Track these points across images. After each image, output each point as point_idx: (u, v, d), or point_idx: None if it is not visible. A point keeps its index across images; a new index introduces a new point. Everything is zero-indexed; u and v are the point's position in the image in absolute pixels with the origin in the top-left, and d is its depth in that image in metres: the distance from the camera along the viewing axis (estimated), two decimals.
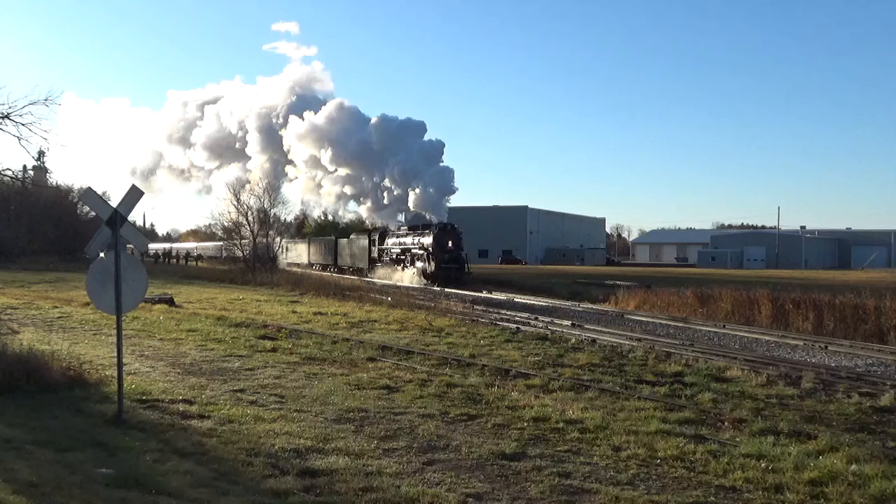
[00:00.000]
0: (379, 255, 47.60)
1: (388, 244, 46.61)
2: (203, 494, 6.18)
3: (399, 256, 44.70)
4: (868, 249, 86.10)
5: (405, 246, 44.00)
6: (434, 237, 40.39)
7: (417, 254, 41.89)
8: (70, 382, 10.26)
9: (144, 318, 18.90)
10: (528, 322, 20.99)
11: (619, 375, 12.53)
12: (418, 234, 42.82)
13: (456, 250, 40.06)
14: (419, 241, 42.10)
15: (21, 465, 6.64)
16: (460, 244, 40.74)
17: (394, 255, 45.50)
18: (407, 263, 43.17)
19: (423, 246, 41.40)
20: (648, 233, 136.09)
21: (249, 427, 8.49)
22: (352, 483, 6.64)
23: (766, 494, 6.64)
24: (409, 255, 43.19)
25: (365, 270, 48.39)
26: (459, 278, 38.51)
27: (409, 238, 43.82)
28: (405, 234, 44.66)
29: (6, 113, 12.33)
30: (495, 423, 9.00)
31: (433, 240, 40.34)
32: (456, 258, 39.80)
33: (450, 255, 39.60)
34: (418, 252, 41.79)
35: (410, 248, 43.14)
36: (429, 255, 40.28)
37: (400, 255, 44.64)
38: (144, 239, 10.72)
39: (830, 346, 17.01)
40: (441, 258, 39.32)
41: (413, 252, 42.59)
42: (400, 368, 12.69)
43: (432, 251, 40.01)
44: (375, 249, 48.07)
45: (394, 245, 45.94)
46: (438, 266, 39.14)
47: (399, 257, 44.66)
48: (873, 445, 8.31)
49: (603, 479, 6.98)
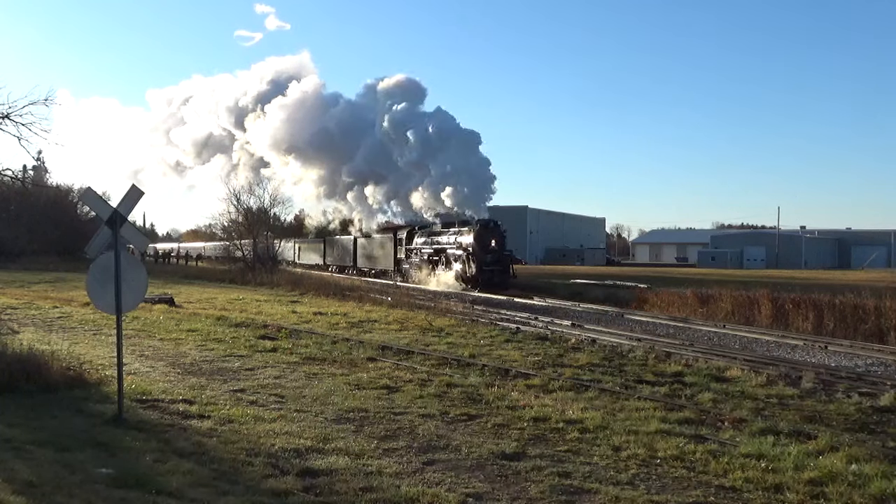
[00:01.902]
0: (407, 255, 43.08)
1: (418, 244, 41.85)
2: (203, 494, 6.19)
3: (431, 257, 39.94)
4: (868, 249, 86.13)
5: (439, 245, 39.16)
6: (475, 236, 35.52)
7: (454, 254, 37.13)
8: (70, 382, 10.26)
9: (144, 318, 18.90)
10: (528, 322, 20.99)
11: (619, 375, 12.53)
12: (455, 232, 38.00)
13: (500, 250, 35.40)
14: (457, 241, 37.24)
15: (21, 465, 6.65)
16: (504, 244, 36.05)
17: (425, 256, 40.78)
18: (442, 265, 38.48)
19: (462, 245, 36.52)
20: (648, 233, 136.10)
21: (249, 427, 8.49)
22: (352, 483, 6.65)
23: (766, 494, 6.64)
24: (443, 256, 38.39)
25: (390, 273, 44.57)
26: (504, 282, 34.34)
27: (444, 237, 38.99)
28: (439, 233, 39.75)
29: (6, 113, 12.32)
30: (495, 423, 9.00)
31: (474, 239, 35.48)
32: (499, 259, 35.21)
33: (493, 255, 35.00)
34: (456, 252, 37.01)
35: (446, 247, 38.30)
36: (468, 256, 35.46)
37: (432, 255, 39.85)
38: (144, 239, 10.73)
39: (830, 346, 17.01)
40: (483, 259, 34.66)
41: (449, 252, 37.74)
42: (400, 368, 12.69)
43: (472, 251, 35.28)
44: (402, 250, 43.51)
45: (425, 245, 41.15)
46: (480, 268, 34.48)
47: (431, 258, 39.92)
48: (873, 445, 8.31)
49: (603, 479, 6.98)
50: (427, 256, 40.57)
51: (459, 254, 36.60)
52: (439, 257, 38.93)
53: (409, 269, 42.39)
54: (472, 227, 36.22)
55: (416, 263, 41.56)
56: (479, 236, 35.42)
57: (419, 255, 41.60)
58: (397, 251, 44.30)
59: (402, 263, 43.51)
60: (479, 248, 35.20)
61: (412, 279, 40.53)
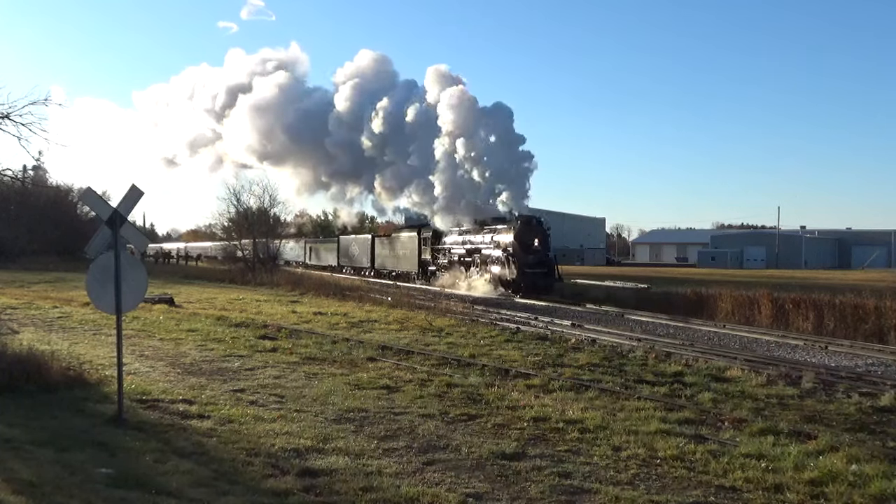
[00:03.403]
0: (433, 256, 39.29)
1: (448, 243, 38.00)
2: (203, 494, 6.19)
3: (463, 258, 36.27)
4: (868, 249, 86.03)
5: (473, 245, 35.50)
6: (516, 234, 32.01)
7: (491, 255, 33.53)
8: (70, 382, 10.26)
9: (144, 318, 18.90)
10: (528, 322, 21.00)
11: (619, 375, 12.53)
12: (491, 229, 34.45)
13: (543, 251, 31.89)
14: (494, 240, 33.69)
15: (21, 465, 6.65)
16: (548, 243, 32.46)
17: (455, 257, 37.01)
18: (475, 267, 34.85)
19: (501, 245, 32.98)
20: (648, 233, 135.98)
21: (249, 427, 8.49)
22: (352, 483, 6.64)
23: (766, 494, 6.64)
24: (478, 258, 34.75)
25: (414, 275, 40.78)
26: (549, 287, 30.91)
27: (478, 236, 35.32)
28: (472, 231, 36.14)
29: (6, 113, 12.34)
30: (495, 423, 9.00)
31: (514, 238, 31.98)
32: (543, 261, 31.68)
33: (536, 256, 31.48)
34: (493, 253, 33.47)
35: (481, 247, 34.72)
36: (508, 258, 31.90)
37: (464, 256, 36.20)
38: (144, 239, 10.72)
39: (830, 346, 17.02)
40: (525, 261, 31.18)
41: (485, 253, 34.16)
42: (400, 368, 12.69)
43: (513, 252, 31.80)
44: (428, 250, 39.65)
45: (455, 244, 37.30)
46: (521, 271, 31.00)
47: (463, 259, 36.25)
48: (873, 445, 8.31)
49: (603, 479, 6.98)
50: (458, 257, 36.87)
51: (497, 254, 33.06)
52: (473, 258, 35.40)
53: (436, 271, 38.88)
54: (512, 224, 32.84)
55: (445, 265, 37.93)
56: (521, 234, 31.86)
57: (448, 255, 37.87)
58: (422, 251, 40.56)
59: (427, 265, 40.03)
60: (520, 247, 31.67)
61: (440, 282, 36.91)
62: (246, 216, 45.25)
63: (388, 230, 45.88)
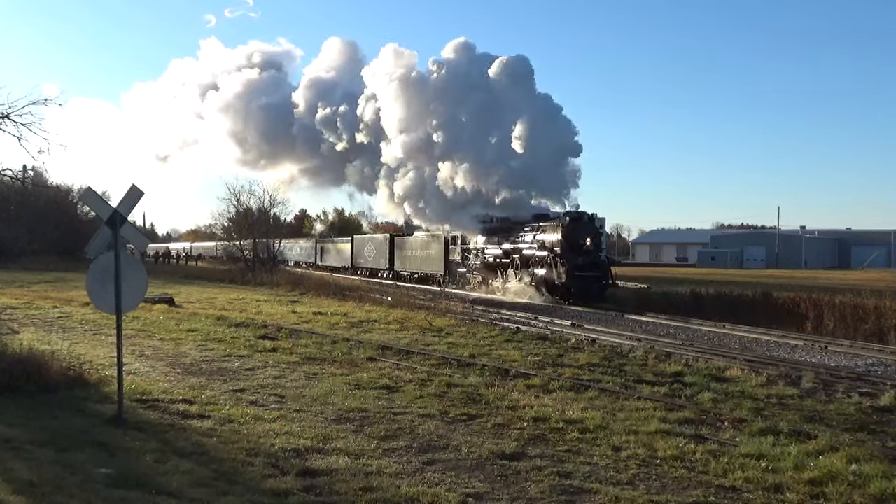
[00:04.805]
0: (463, 257, 35.85)
1: (480, 242, 34.59)
2: (203, 494, 6.19)
3: (500, 260, 32.77)
4: (868, 249, 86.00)
5: (512, 245, 32.09)
6: (564, 232, 28.51)
7: (534, 256, 29.88)
8: (70, 382, 10.26)
9: (144, 318, 18.89)
10: (528, 322, 21.01)
11: (618, 375, 12.53)
12: (533, 227, 31.05)
13: (596, 251, 28.77)
14: (537, 239, 30.16)
15: (21, 465, 6.65)
16: (601, 243, 29.43)
17: (490, 259, 33.60)
18: (514, 270, 31.29)
19: (546, 245, 29.37)
20: (648, 233, 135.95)
21: (249, 427, 8.49)
22: (352, 483, 6.64)
23: (766, 494, 6.64)
24: (517, 259, 31.25)
25: (439, 278, 37.26)
26: (603, 293, 27.88)
27: (518, 234, 32.15)
28: (510, 229, 32.94)
29: (6, 113, 12.35)
30: (495, 423, 9.00)
31: (562, 236, 28.53)
32: (595, 263, 28.37)
33: (587, 258, 28.05)
34: (536, 254, 29.81)
35: (521, 248, 31.19)
36: (555, 259, 28.28)
37: (501, 257, 32.68)
38: (144, 239, 10.72)
39: (830, 346, 17.02)
40: (574, 263, 27.66)
41: (526, 254, 30.60)
42: (400, 368, 12.69)
43: (560, 253, 28.28)
44: (457, 249, 36.19)
45: (490, 244, 33.87)
46: (571, 274, 27.42)
47: (500, 261, 32.74)
48: (873, 445, 8.31)
49: (603, 479, 6.98)
50: (493, 259, 33.35)
51: (542, 255, 29.37)
52: (511, 260, 31.76)
53: (465, 273, 35.58)
54: (559, 221, 29.43)
55: (477, 267, 34.62)
56: (570, 233, 28.42)
57: (481, 256, 34.38)
58: (449, 252, 37.04)
59: (455, 267, 36.49)
60: (568, 248, 28.24)
61: (470, 286, 34.18)
62: (246, 216, 45.24)
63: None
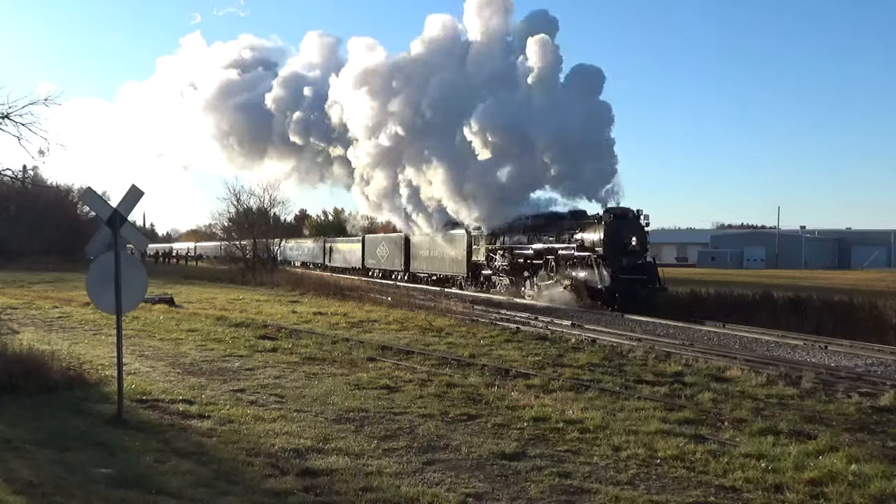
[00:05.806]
0: (488, 258, 33.06)
1: (508, 242, 31.67)
2: (203, 494, 6.19)
3: (531, 261, 29.92)
4: (868, 249, 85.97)
5: (545, 245, 29.12)
6: (606, 231, 25.76)
7: (572, 257, 27.13)
8: (70, 382, 10.26)
9: (144, 318, 18.90)
10: (528, 322, 21.00)
11: (618, 375, 12.53)
12: (570, 225, 28.61)
13: (642, 252, 26.01)
14: (576, 238, 27.36)
15: (21, 465, 6.65)
16: (646, 242, 26.37)
17: (519, 260, 30.71)
18: (548, 271, 28.51)
19: (585, 245, 26.59)
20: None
21: (249, 427, 8.50)
22: (352, 483, 6.65)
23: (766, 494, 6.64)
24: (552, 260, 28.35)
25: (461, 280, 35.02)
26: (653, 299, 24.86)
27: (553, 233, 29.29)
28: (543, 227, 30.13)
29: (6, 113, 12.36)
30: (495, 423, 9.00)
31: (604, 235, 25.76)
32: (641, 266, 25.67)
33: (632, 259, 25.51)
34: (575, 255, 27.01)
35: (557, 248, 28.27)
36: (596, 260, 25.50)
37: (532, 258, 29.83)
38: (144, 239, 10.72)
39: (830, 346, 17.01)
40: (618, 264, 25.10)
41: (562, 255, 27.73)
42: (400, 368, 12.69)
43: (602, 253, 25.58)
44: (482, 250, 33.41)
45: (518, 244, 30.95)
46: (614, 277, 24.76)
47: (531, 262, 29.97)
48: (873, 445, 8.31)
49: (603, 479, 6.98)
50: (524, 259, 30.50)
51: (581, 256, 26.58)
52: (544, 261, 28.96)
53: (491, 275, 33.11)
54: (601, 218, 26.75)
55: (504, 268, 31.97)
56: (613, 231, 25.70)
57: (509, 257, 31.57)
58: (472, 252, 34.25)
59: (479, 268, 33.93)
60: (611, 248, 25.59)
61: (496, 289, 32.07)
62: (246, 216, 45.21)
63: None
